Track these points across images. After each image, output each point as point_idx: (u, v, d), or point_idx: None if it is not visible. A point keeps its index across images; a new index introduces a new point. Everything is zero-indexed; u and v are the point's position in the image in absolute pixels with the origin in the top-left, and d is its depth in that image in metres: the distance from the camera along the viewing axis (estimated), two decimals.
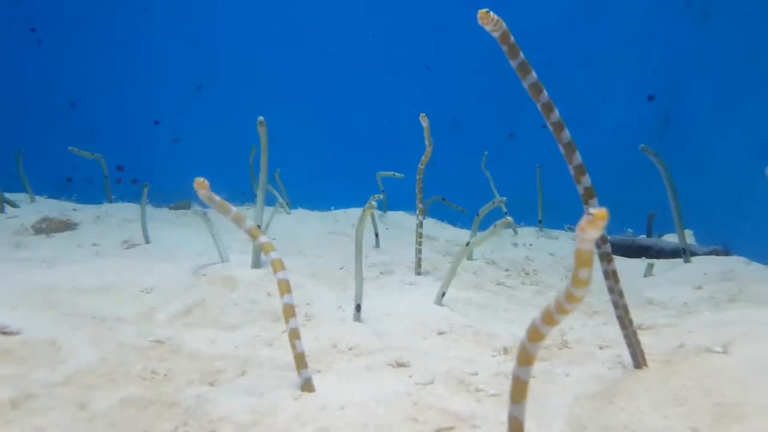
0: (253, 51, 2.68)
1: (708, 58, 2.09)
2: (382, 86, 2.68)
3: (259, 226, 1.53)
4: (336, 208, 2.70)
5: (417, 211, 1.63)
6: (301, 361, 0.86)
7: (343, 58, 2.68)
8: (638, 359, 0.84)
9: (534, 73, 0.70)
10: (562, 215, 2.39)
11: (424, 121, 1.47)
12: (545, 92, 0.71)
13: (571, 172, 0.77)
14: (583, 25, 2.45)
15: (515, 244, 2.08)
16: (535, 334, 0.59)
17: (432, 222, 2.61)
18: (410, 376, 0.88)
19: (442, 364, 0.92)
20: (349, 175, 2.72)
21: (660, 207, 2.00)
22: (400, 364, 0.92)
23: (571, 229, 2.36)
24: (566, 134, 0.74)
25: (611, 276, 0.82)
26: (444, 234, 2.39)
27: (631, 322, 0.83)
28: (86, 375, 0.94)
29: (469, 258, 1.82)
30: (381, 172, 2.40)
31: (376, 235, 2.10)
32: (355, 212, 2.66)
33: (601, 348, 0.97)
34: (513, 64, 0.69)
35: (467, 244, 1.21)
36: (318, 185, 2.74)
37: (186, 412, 0.81)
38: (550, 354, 0.97)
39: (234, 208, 0.86)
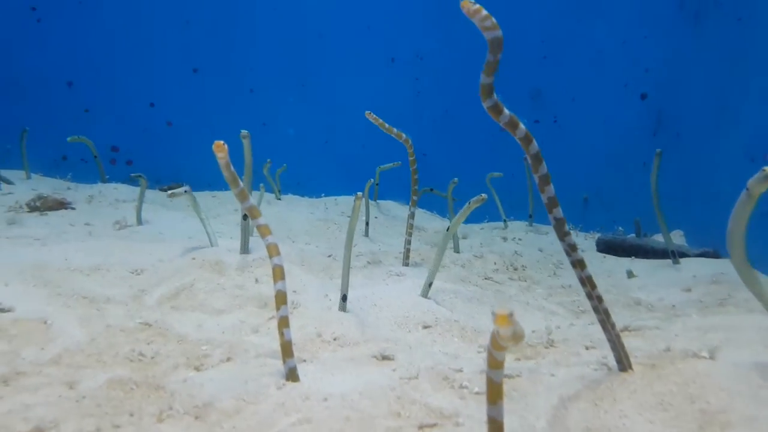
0: (249, 37, 2.67)
1: (701, 58, 2.10)
2: (376, 76, 2.68)
3: (244, 216, 1.54)
4: (326, 195, 2.72)
5: (410, 203, 1.66)
6: (287, 349, 0.88)
7: (337, 46, 2.68)
8: (623, 362, 0.85)
9: (494, 96, 0.71)
10: None
11: (370, 118, 1.48)
12: (506, 111, 0.73)
13: (536, 181, 0.79)
14: (576, 23, 2.45)
15: (504, 239, 2.10)
16: (495, 344, 0.59)
17: (421, 212, 2.63)
18: (394, 370, 0.89)
19: (427, 358, 0.94)
20: (340, 163, 2.73)
21: (652, 206, 2.02)
22: (385, 357, 0.94)
23: None
24: (534, 146, 0.76)
25: (587, 282, 0.84)
26: (433, 225, 2.41)
27: (613, 325, 0.85)
28: (75, 355, 0.96)
29: (457, 251, 1.84)
30: (381, 166, 2.40)
31: (367, 223, 2.12)
32: (344, 200, 2.67)
33: (587, 348, 0.99)
34: (482, 80, 0.69)
35: (447, 230, 1.23)
36: (309, 172, 2.75)
37: (172, 396, 0.83)
38: (536, 353, 0.99)
39: (242, 184, 0.87)
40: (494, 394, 0.61)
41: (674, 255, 1.68)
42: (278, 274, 0.86)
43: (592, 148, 2.42)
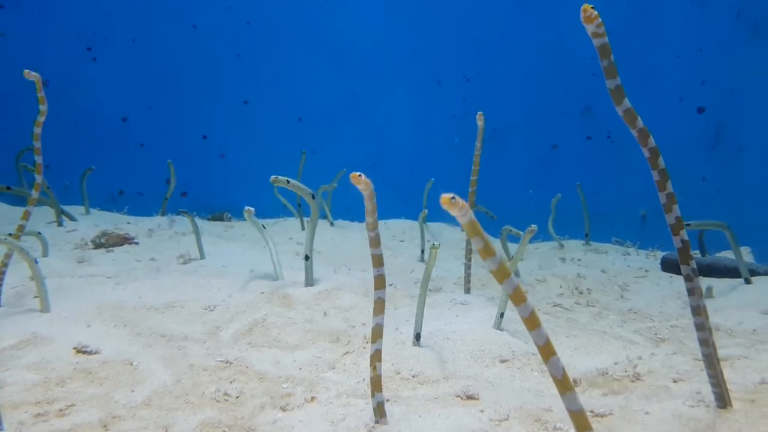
0: (296, 66, 2.73)
1: (763, 69, 2.04)
2: (422, 98, 2.70)
3: (306, 257, 1.55)
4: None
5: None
6: (377, 384, 0.88)
7: (384, 71, 2.71)
8: (724, 399, 0.82)
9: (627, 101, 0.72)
10: (608, 228, 2.38)
11: (480, 121, 1.51)
12: (639, 120, 0.73)
13: (663, 200, 0.77)
14: (625, 38, 2.42)
15: (563, 259, 2.06)
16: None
17: None
18: (482, 411, 0.88)
19: (513, 397, 0.93)
20: (388, 186, 2.74)
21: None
22: (469, 397, 0.93)
23: (619, 243, 2.33)
24: (651, 140, 0.76)
25: (702, 312, 0.81)
26: None
27: (719, 360, 0.82)
28: (164, 396, 0.99)
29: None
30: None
31: (422, 251, 2.12)
32: (394, 224, 2.68)
33: (675, 381, 0.96)
34: (609, 84, 0.71)
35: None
36: (358, 196, 2.76)
37: None
38: (623, 387, 0.96)
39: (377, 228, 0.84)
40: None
41: (747, 273, 1.61)
42: (379, 308, 0.87)
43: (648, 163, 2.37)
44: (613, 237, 2.35)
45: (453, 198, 0.52)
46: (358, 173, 0.74)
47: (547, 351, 0.55)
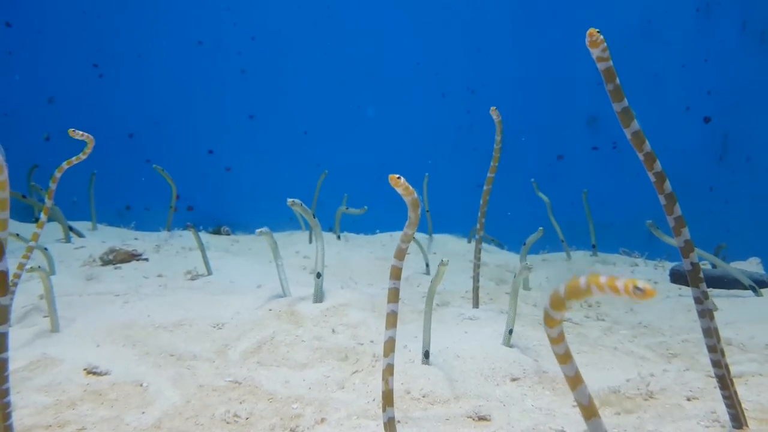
0: (301, 81, 2.75)
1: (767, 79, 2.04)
2: (427, 111, 2.71)
3: (318, 274, 1.55)
4: (381, 232, 2.74)
5: (477, 236, 1.64)
6: (389, 398, 0.87)
7: (388, 85, 2.73)
8: (739, 419, 0.81)
9: (636, 123, 0.72)
10: (615, 238, 2.37)
11: (494, 114, 1.47)
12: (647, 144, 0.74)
13: (672, 224, 0.77)
14: (629, 48, 2.43)
15: (571, 271, 2.05)
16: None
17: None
18: None
19: (525, 418, 0.92)
20: (394, 198, 2.74)
21: (723, 233, 1.95)
22: (481, 418, 0.92)
23: (626, 253, 2.32)
24: (657, 164, 0.76)
25: (714, 334, 0.80)
26: (494, 259, 2.38)
27: (732, 381, 0.81)
28: (174, 418, 0.98)
29: (526, 288, 1.81)
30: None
31: (427, 264, 2.12)
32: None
33: (689, 400, 0.95)
34: (616, 107, 0.71)
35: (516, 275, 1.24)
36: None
37: None
38: (636, 406, 0.95)
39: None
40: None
41: (754, 288, 1.60)
42: (391, 321, 0.86)
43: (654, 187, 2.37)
44: (621, 248, 2.34)
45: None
46: (397, 175, 0.71)
47: (575, 381, 0.55)
